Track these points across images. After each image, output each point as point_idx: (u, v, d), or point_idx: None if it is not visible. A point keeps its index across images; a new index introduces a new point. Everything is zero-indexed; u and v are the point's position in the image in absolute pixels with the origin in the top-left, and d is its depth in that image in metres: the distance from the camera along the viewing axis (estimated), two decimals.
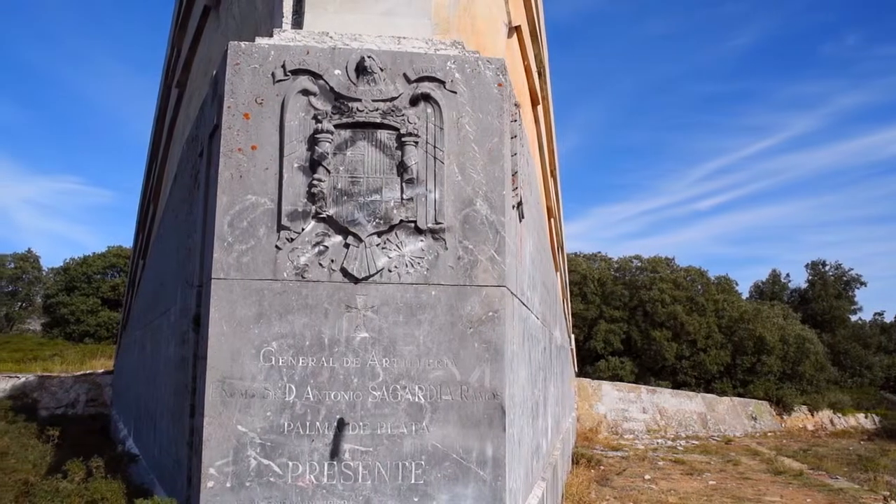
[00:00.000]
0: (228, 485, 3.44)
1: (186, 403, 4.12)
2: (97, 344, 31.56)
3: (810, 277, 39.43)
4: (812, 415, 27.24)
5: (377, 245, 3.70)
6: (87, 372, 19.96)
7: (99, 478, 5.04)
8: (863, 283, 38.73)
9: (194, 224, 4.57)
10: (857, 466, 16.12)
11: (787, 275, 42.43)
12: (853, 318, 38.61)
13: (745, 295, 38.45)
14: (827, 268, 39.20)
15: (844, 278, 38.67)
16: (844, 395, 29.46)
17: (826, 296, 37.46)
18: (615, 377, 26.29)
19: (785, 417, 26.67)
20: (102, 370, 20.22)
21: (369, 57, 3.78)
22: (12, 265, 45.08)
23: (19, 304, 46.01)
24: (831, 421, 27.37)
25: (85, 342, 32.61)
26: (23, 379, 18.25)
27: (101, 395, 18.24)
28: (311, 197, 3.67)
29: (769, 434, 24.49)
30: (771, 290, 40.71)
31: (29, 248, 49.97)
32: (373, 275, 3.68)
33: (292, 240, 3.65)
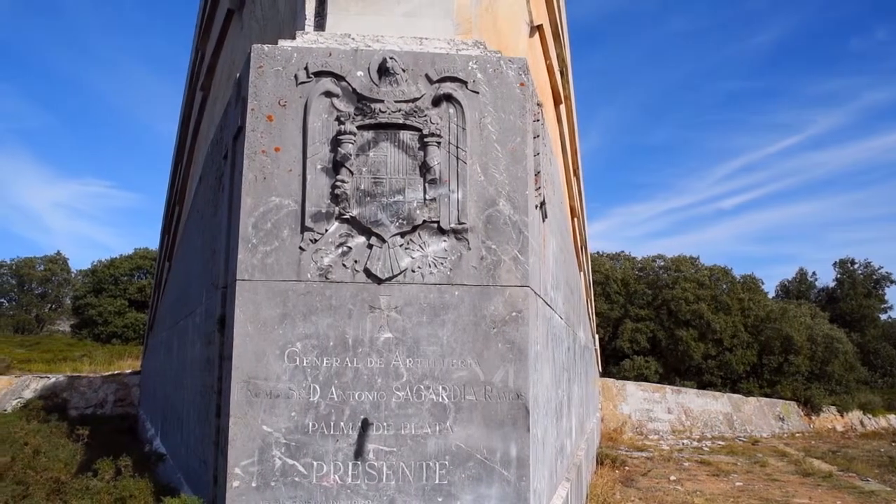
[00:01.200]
0: (254, 484, 3.46)
1: (212, 403, 4.17)
2: (124, 345, 32.04)
3: (838, 276, 38.82)
4: (841, 415, 26.78)
5: (400, 245, 3.71)
6: (115, 372, 20.25)
7: (127, 476, 5.11)
8: (893, 282, 37.99)
9: (219, 226, 4.61)
10: (888, 468, 15.82)
11: (814, 273, 41.84)
12: (883, 317, 37.97)
13: (772, 294, 37.96)
14: (856, 266, 38.57)
15: (874, 277, 38.00)
16: (875, 396, 28.93)
17: (855, 294, 36.83)
18: (640, 377, 26.08)
19: (813, 418, 26.25)
20: (130, 370, 20.51)
21: (391, 58, 3.79)
22: (42, 268, 45.94)
23: (49, 305, 46.89)
24: (861, 422, 26.89)
25: (112, 343, 33.13)
26: (53, 379, 18.56)
27: (129, 396, 18.49)
28: (335, 198, 3.69)
29: (797, 435, 24.13)
30: (798, 288, 40.14)
31: (58, 251, 50.85)
32: (396, 275, 3.68)
33: (316, 241, 3.67)
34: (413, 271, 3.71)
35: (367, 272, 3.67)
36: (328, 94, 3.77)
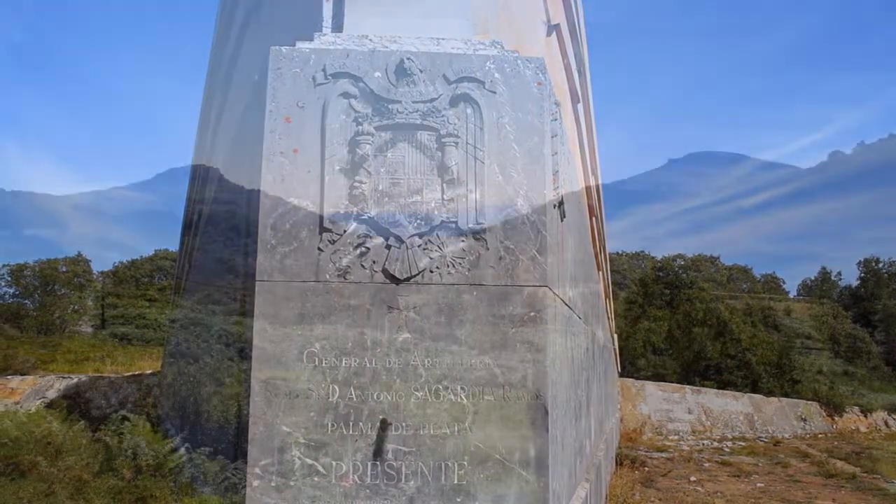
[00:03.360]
0: (273, 484, 3.48)
1: (231, 403, 4.19)
2: (145, 346, 32.37)
3: (862, 275, 38.29)
4: (865, 416, 26.37)
5: (418, 246, 3.71)
6: (136, 373, 20.43)
7: (148, 476, 5.16)
8: None
9: (238, 227, 4.64)
10: None
11: (839, 273, 41.24)
12: None
13: (794, 293, 37.59)
14: (880, 265, 38.02)
15: None
16: None
17: (879, 294, 36.33)
18: (659, 376, 25.89)
19: (836, 419, 25.88)
20: (150, 371, 20.67)
21: (409, 59, 3.80)
22: (64, 269, 46.52)
23: (71, 306, 47.44)
24: (886, 423, 26.47)
25: (133, 344, 33.48)
26: (75, 379, 18.76)
27: (150, 395, 18.66)
28: (353, 199, 3.70)
29: (819, 436, 23.81)
30: (820, 288, 39.69)
31: (79, 252, 51.36)
32: (414, 275, 3.69)
33: (334, 241, 3.68)
34: (431, 272, 3.71)
35: (386, 272, 3.68)
36: (346, 95, 3.78)
